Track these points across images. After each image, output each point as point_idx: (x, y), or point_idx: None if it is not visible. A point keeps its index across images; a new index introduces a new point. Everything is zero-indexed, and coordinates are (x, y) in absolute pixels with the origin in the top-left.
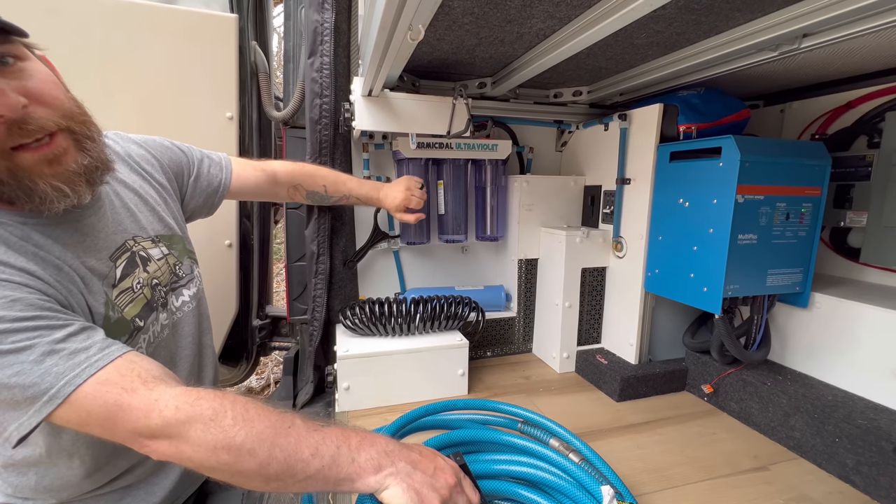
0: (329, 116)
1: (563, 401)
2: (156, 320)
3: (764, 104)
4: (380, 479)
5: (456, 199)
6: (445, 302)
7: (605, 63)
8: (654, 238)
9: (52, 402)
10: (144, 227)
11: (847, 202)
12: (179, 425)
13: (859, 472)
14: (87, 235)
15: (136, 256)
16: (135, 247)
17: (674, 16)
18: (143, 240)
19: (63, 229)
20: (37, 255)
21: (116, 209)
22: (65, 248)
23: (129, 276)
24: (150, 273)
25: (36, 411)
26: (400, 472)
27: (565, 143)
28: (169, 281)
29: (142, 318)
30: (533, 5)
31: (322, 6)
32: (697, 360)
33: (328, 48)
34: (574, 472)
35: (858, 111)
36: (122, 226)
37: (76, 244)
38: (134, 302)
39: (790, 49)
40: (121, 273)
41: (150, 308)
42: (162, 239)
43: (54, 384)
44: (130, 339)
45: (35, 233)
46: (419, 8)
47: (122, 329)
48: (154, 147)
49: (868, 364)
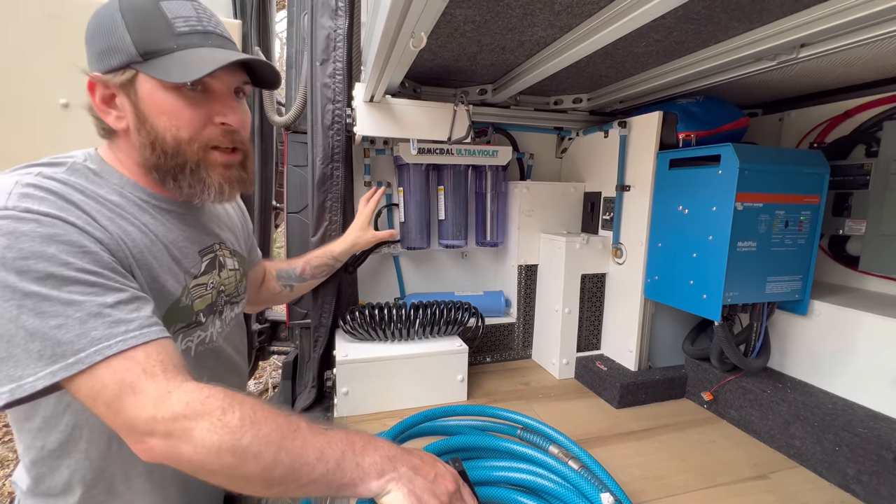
0: (341, 122)
1: (562, 407)
2: (212, 324)
3: (763, 112)
4: (382, 484)
5: (456, 204)
6: (445, 307)
7: (605, 71)
8: (654, 245)
9: (77, 366)
10: (228, 238)
11: (846, 210)
12: (186, 421)
13: (860, 481)
14: (189, 227)
15: (217, 260)
16: (218, 251)
17: (673, 25)
18: (225, 248)
19: (172, 216)
20: (128, 221)
21: (214, 215)
22: (168, 231)
23: (208, 274)
24: (221, 279)
25: (53, 372)
26: (402, 478)
27: (565, 149)
28: (231, 293)
29: (204, 316)
30: (534, 14)
31: (336, 13)
32: (697, 367)
33: (341, 54)
34: (573, 479)
35: (856, 120)
36: (215, 230)
37: (178, 231)
38: (203, 298)
39: (788, 59)
40: (203, 269)
41: (211, 310)
42: (236, 255)
43: (86, 348)
44: (187, 329)
45: (148, 211)
46: (422, 15)
47: (186, 316)
48: None
49: (868, 372)
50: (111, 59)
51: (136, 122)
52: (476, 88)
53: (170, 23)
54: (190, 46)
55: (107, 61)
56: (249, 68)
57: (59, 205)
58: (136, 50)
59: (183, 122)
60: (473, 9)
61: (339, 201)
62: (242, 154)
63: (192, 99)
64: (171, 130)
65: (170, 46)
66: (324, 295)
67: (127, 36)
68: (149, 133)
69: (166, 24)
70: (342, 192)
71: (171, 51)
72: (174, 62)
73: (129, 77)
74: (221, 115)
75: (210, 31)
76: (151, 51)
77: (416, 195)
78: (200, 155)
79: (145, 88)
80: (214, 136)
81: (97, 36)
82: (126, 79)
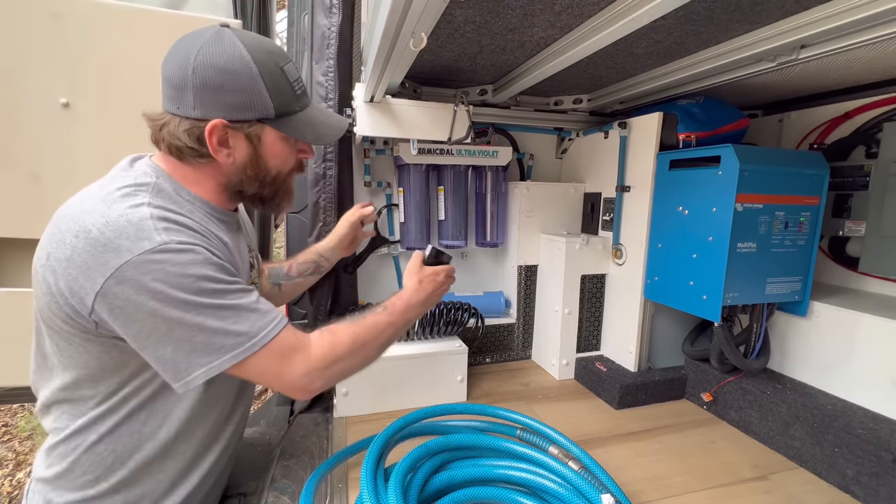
0: None
1: (562, 408)
2: None
3: (763, 114)
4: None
5: (456, 204)
6: (445, 307)
7: (605, 72)
8: (654, 245)
9: (256, 346)
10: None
11: (845, 211)
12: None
13: (859, 482)
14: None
15: (252, 261)
16: (250, 253)
17: (673, 26)
18: (253, 250)
19: (227, 226)
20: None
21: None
22: (230, 238)
23: (252, 271)
24: (252, 276)
25: (234, 356)
26: (431, 302)
27: (565, 150)
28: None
29: None
30: (534, 14)
31: (330, 11)
32: (697, 368)
33: (333, 52)
34: (574, 479)
35: (856, 121)
36: (248, 235)
37: (235, 238)
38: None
39: (788, 60)
40: (249, 270)
41: None
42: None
43: (258, 334)
44: None
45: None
46: (422, 16)
47: None
48: None
49: (867, 373)
50: (246, 112)
51: (250, 161)
52: (476, 89)
53: (292, 87)
54: (304, 107)
55: (240, 113)
56: None
57: (189, 234)
58: (273, 112)
59: (287, 162)
60: (474, 9)
61: (332, 201)
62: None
63: (293, 144)
64: (277, 167)
65: (294, 109)
66: (320, 296)
67: (268, 99)
68: (260, 170)
69: (290, 88)
70: (335, 191)
71: (294, 112)
72: (302, 124)
73: (258, 129)
74: (304, 154)
75: (305, 92)
76: (284, 112)
77: (416, 195)
78: (289, 182)
79: (269, 138)
80: (296, 166)
81: (233, 89)
82: (255, 130)
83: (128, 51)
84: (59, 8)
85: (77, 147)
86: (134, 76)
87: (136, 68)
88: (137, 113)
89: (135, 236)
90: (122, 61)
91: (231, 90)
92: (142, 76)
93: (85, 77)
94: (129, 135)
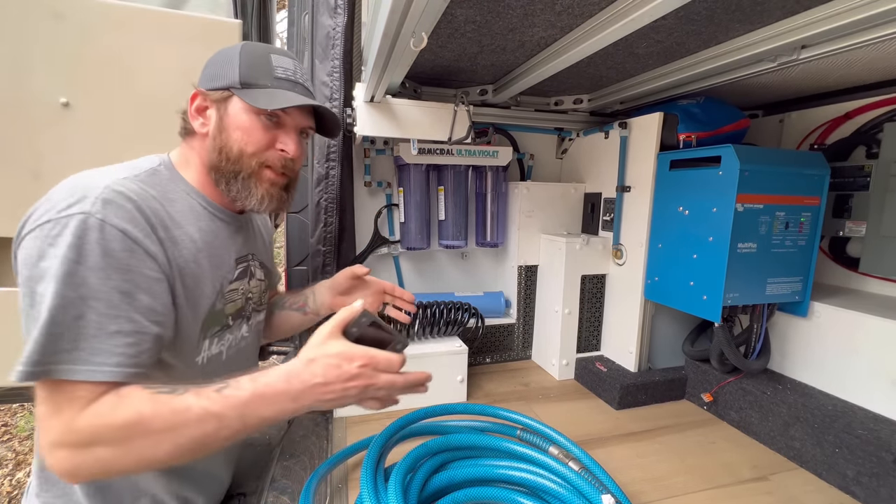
0: (339, 120)
1: (562, 408)
2: (239, 327)
3: (763, 114)
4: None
5: (456, 205)
6: (445, 308)
7: (605, 72)
8: (654, 246)
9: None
10: (260, 251)
11: (846, 212)
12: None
13: (859, 483)
14: (232, 236)
15: (249, 269)
16: (251, 262)
17: (674, 26)
18: (256, 259)
19: (221, 225)
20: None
21: (253, 229)
22: (215, 237)
23: (240, 281)
24: (249, 287)
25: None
26: (312, 406)
27: (566, 150)
28: (257, 301)
29: (233, 320)
30: (535, 14)
31: (335, 11)
32: (697, 368)
33: (339, 52)
34: (574, 480)
35: (857, 122)
36: (251, 242)
37: (222, 238)
38: (234, 303)
39: (789, 60)
40: (236, 275)
41: (239, 314)
42: (264, 267)
43: (60, 363)
44: (220, 332)
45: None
46: (422, 16)
47: (218, 320)
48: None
49: (868, 374)
50: (217, 81)
51: (216, 130)
52: (476, 89)
53: (272, 68)
54: (280, 88)
55: (213, 82)
56: (318, 116)
57: (131, 215)
58: (238, 79)
59: (252, 139)
60: (474, 9)
61: (334, 202)
62: (289, 179)
63: (265, 125)
64: (239, 143)
65: (265, 84)
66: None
67: (237, 69)
68: (223, 140)
69: (269, 68)
70: (338, 191)
71: (264, 87)
72: (263, 95)
73: (225, 96)
74: (283, 144)
75: (299, 83)
76: (249, 83)
77: (417, 195)
78: (255, 168)
79: (234, 108)
80: (272, 158)
81: (215, 63)
82: (222, 97)
83: (128, 50)
84: (61, 8)
85: (77, 146)
86: (134, 76)
87: (137, 68)
88: (138, 112)
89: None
90: (122, 61)
91: (214, 63)
92: (142, 76)
93: (85, 76)
94: (130, 134)
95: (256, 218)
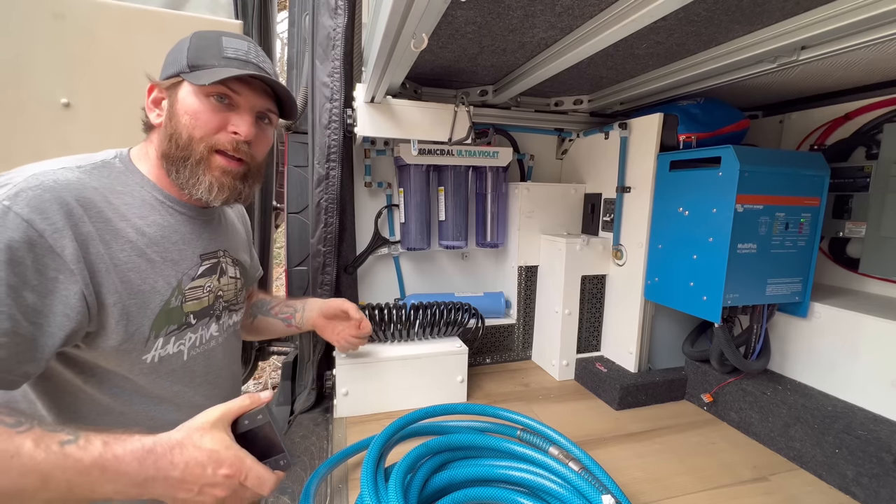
0: (339, 121)
1: (562, 409)
2: (206, 326)
3: (763, 115)
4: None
5: (457, 205)
6: (445, 308)
7: (605, 72)
8: (654, 246)
9: None
10: (233, 247)
11: (846, 212)
12: None
13: (859, 484)
14: (196, 231)
15: (219, 266)
16: (221, 258)
17: (674, 27)
18: (229, 255)
19: (181, 218)
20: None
21: (226, 224)
22: (172, 232)
23: (206, 277)
24: (219, 284)
25: None
26: (161, 497)
27: (566, 151)
28: (230, 300)
29: (196, 318)
30: (535, 15)
31: (335, 12)
32: (697, 368)
33: (339, 53)
34: (574, 480)
35: (857, 122)
36: (221, 238)
37: (182, 233)
38: (198, 300)
39: (789, 61)
40: (201, 272)
41: (206, 313)
42: (238, 264)
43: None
44: (179, 331)
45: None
46: (423, 17)
47: (176, 317)
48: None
49: (868, 374)
50: (169, 69)
51: (167, 118)
52: (477, 89)
53: (222, 49)
54: (229, 66)
55: (166, 71)
56: (278, 100)
57: (44, 206)
58: (187, 63)
59: (200, 122)
60: (474, 10)
61: (335, 202)
62: (246, 167)
63: (214, 107)
64: (188, 128)
65: (212, 63)
66: (321, 295)
67: (186, 53)
68: (173, 127)
69: (218, 49)
70: (338, 192)
71: (212, 67)
72: (208, 73)
73: (174, 83)
74: (234, 126)
75: (251, 62)
76: (197, 65)
77: (417, 196)
78: (204, 154)
79: (183, 92)
80: (223, 141)
81: (170, 53)
82: (172, 83)
83: (129, 51)
84: (61, 8)
85: (78, 146)
86: (135, 76)
87: (137, 68)
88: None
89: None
90: (123, 61)
91: (168, 54)
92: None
93: (86, 77)
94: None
95: (230, 212)
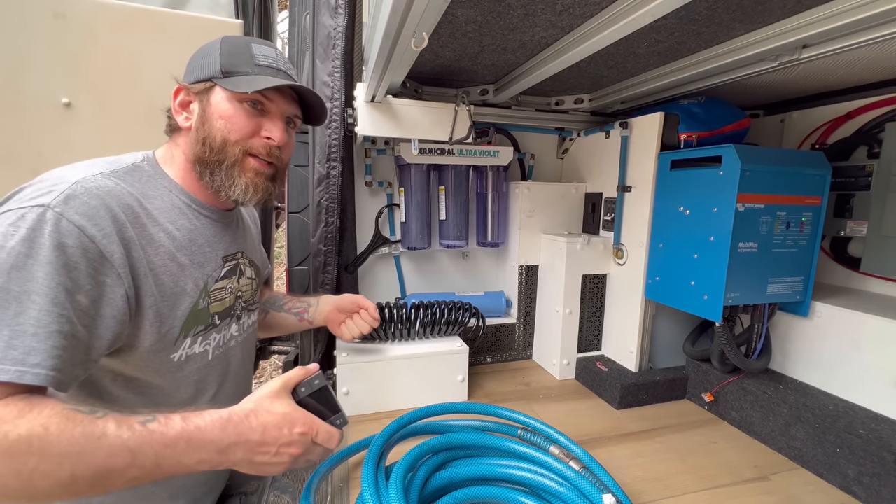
0: (339, 120)
1: (562, 408)
2: (227, 326)
3: (764, 113)
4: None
5: (457, 204)
6: (446, 307)
7: (606, 72)
8: (655, 245)
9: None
10: (250, 248)
11: (847, 212)
12: None
13: (861, 483)
14: (219, 233)
15: (238, 267)
16: (241, 260)
17: (675, 26)
18: (246, 257)
19: (207, 221)
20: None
21: (243, 226)
22: (199, 235)
23: (228, 279)
24: (239, 285)
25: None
26: (239, 464)
27: (566, 150)
28: (248, 300)
29: (220, 318)
30: (535, 14)
31: (336, 11)
32: (698, 368)
33: (339, 52)
34: (575, 479)
35: (858, 121)
36: (241, 240)
37: (207, 236)
38: (221, 301)
39: (790, 59)
40: (223, 274)
41: (228, 313)
42: (254, 265)
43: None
44: (205, 331)
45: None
46: (423, 16)
47: (203, 318)
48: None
49: (869, 374)
50: (199, 73)
51: (199, 121)
52: (477, 89)
53: (253, 56)
54: (262, 74)
55: (195, 75)
56: (304, 106)
57: (93, 212)
58: (220, 69)
59: (235, 127)
60: (475, 9)
61: (335, 201)
62: (275, 169)
63: (248, 112)
64: (222, 132)
65: (246, 71)
66: (322, 294)
67: (218, 59)
68: (206, 130)
69: (250, 56)
70: (339, 191)
71: (246, 74)
72: (244, 81)
73: (207, 87)
74: (268, 131)
75: (282, 70)
76: (231, 71)
77: (417, 195)
78: (239, 157)
79: (217, 97)
80: (257, 145)
81: (197, 57)
82: (205, 88)
83: (130, 50)
84: (62, 8)
85: (79, 146)
86: (135, 76)
87: (138, 68)
88: (139, 112)
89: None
90: (123, 61)
91: (196, 57)
92: (143, 76)
93: (87, 77)
94: (131, 134)
95: (244, 213)
